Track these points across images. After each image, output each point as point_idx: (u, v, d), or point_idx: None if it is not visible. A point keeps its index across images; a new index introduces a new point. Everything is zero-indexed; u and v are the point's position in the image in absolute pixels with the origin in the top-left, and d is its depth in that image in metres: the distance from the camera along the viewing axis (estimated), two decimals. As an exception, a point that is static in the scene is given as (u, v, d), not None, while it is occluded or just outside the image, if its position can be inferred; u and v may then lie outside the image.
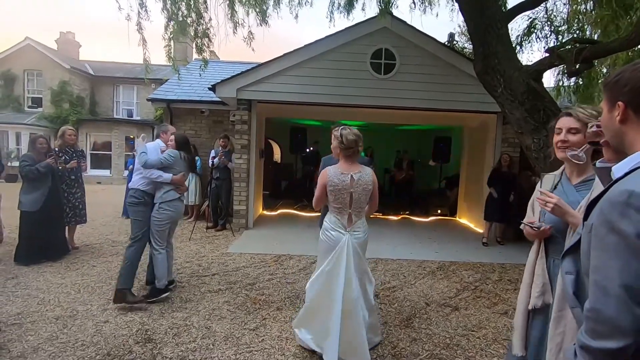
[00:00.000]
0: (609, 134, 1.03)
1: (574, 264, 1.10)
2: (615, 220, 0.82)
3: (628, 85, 0.92)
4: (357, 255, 2.54)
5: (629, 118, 0.93)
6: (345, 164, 2.55)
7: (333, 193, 2.49)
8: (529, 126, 4.49)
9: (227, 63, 11.33)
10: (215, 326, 3.05)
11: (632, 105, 0.92)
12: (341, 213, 2.54)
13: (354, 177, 2.50)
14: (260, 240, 5.96)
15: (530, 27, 6.03)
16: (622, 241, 0.81)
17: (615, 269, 0.81)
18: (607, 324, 0.81)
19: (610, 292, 0.81)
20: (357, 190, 2.49)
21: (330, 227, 2.56)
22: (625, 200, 0.81)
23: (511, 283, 4.39)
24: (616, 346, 0.80)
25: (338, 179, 2.48)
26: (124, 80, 17.62)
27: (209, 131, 8.21)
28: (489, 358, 2.73)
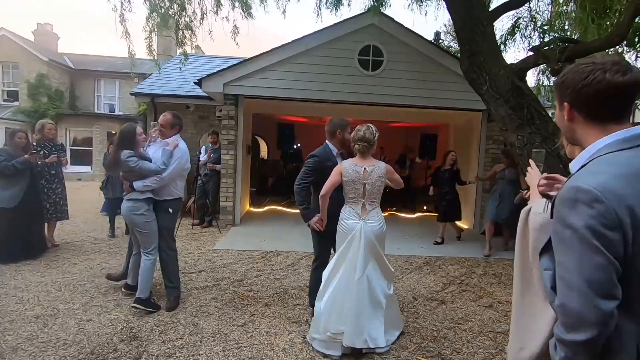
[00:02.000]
0: (562, 129, 1.10)
1: (550, 260, 1.11)
2: (566, 216, 0.87)
3: (570, 87, 0.98)
4: (371, 243, 2.65)
5: (575, 117, 1.00)
6: (359, 157, 2.72)
7: (348, 183, 2.66)
8: (514, 123, 4.58)
9: (212, 58, 11.18)
10: (203, 323, 3.01)
11: (575, 106, 0.99)
12: (355, 203, 2.70)
13: (367, 169, 2.67)
14: (248, 237, 5.91)
15: (515, 26, 6.14)
16: (574, 235, 0.85)
17: (573, 263, 0.85)
18: (574, 317, 0.85)
19: (573, 287, 0.85)
20: (369, 181, 2.66)
21: (346, 217, 2.71)
22: (573, 196, 0.86)
23: (495, 277, 4.48)
24: (584, 338, 0.83)
25: (353, 170, 2.65)
26: (106, 74, 17.14)
27: (195, 127, 8.08)
28: (475, 349, 2.78)
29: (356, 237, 2.63)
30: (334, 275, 2.68)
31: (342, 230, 2.72)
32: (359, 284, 2.59)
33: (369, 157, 2.73)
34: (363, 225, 2.65)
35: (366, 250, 2.62)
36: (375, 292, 2.65)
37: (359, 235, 2.63)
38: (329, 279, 2.70)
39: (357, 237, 2.63)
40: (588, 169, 0.93)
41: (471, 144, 7.46)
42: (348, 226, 2.67)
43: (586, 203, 0.83)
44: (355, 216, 2.68)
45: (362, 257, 2.60)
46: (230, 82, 6.30)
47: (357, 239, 2.63)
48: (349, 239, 2.64)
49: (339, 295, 2.62)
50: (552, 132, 4.46)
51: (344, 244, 2.66)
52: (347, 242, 2.65)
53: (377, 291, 2.66)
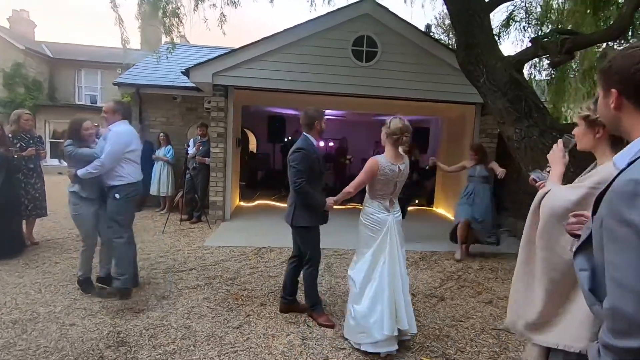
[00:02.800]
0: (605, 119, 1.05)
1: (587, 261, 1.05)
2: (624, 212, 0.79)
3: (619, 72, 0.92)
4: (400, 232, 2.69)
5: (623, 104, 0.94)
6: (394, 154, 2.63)
7: (383, 182, 2.59)
8: (511, 116, 4.52)
9: (199, 47, 10.81)
10: (196, 325, 2.85)
11: (625, 93, 0.92)
12: (384, 198, 2.66)
13: (401, 167, 2.63)
14: (239, 233, 5.74)
15: (510, 18, 6.08)
16: (633, 233, 0.78)
17: (630, 264, 0.78)
18: (627, 322, 0.78)
19: (628, 289, 0.78)
20: (400, 180, 2.66)
21: (375, 211, 2.64)
22: (632, 189, 0.79)
23: (492, 271, 4.45)
24: (639, 345, 0.76)
25: (390, 170, 2.57)
26: (87, 64, 16.48)
27: (182, 119, 7.80)
28: (479, 348, 2.71)
29: (391, 229, 2.61)
30: (372, 273, 2.60)
31: (371, 224, 2.64)
32: (403, 275, 2.63)
33: (399, 153, 2.67)
34: (393, 218, 2.65)
35: (400, 241, 2.65)
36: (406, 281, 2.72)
37: (393, 227, 2.62)
38: (366, 277, 2.61)
39: (392, 230, 2.61)
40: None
41: (464, 138, 7.41)
42: (380, 220, 2.62)
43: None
44: (384, 210, 2.64)
45: (400, 248, 2.64)
46: (220, 72, 6.06)
47: (393, 231, 2.61)
48: (384, 232, 2.60)
49: (387, 292, 2.52)
50: (550, 125, 4.41)
51: (379, 239, 2.60)
52: (383, 236, 2.61)
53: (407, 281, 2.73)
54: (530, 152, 4.42)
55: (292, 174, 2.82)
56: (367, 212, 2.68)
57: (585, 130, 1.41)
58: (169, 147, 7.00)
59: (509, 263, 4.82)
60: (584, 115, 1.41)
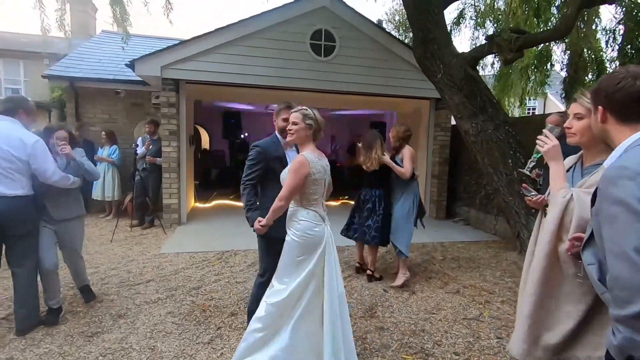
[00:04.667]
0: (596, 132, 1.22)
1: (594, 255, 1.12)
2: (612, 192, 0.92)
3: (604, 91, 1.12)
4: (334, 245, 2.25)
5: (608, 118, 1.13)
6: (315, 149, 2.21)
7: (317, 182, 2.13)
8: (468, 111, 4.70)
9: (141, 37, 9.98)
10: (161, 345, 2.59)
11: (608, 109, 1.12)
12: (317, 204, 2.19)
13: (324, 163, 2.24)
14: (198, 237, 5.40)
15: (460, 16, 6.33)
16: (622, 207, 0.89)
17: (623, 234, 0.87)
18: (627, 288, 0.84)
19: (623, 257, 0.86)
20: (327, 177, 2.26)
21: (312, 224, 2.12)
22: (617, 173, 0.93)
23: (454, 261, 4.64)
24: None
25: (320, 166, 2.15)
26: (6, 53, 14.53)
27: (127, 115, 7.15)
28: (454, 339, 2.78)
29: (329, 244, 2.16)
30: (300, 299, 2.09)
31: (307, 240, 2.11)
32: (341, 297, 2.18)
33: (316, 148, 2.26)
34: (327, 228, 2.21)
35: (336, 258, 2.19)
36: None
37: (330, 243, 2.17)
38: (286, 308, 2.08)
39: (329, 245, 2.16)
40: (626, 155, 1.02)
41: (419, 131, 7.65)
42: (316, 234, 2.12)
43: (630, 177, 0.89)
44: (320, 220, 2.17)
45: (338, 268, 2.20)
46: (170, 65, 5.62)
47: (330, 246, 2.16)
48: (321, 250, 2.11)
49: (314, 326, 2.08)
50: (503, 119, 4.66)
51: (315, 259, 2.10)
52: (320, 255, 2.11)
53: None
54: (486, 145, 4.64)
55: (243, 173, 2.52)
56: (303, 227, 2.11)
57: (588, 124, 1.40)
58: (114, 147, 6.38)
59: (468, 252, 5.06)
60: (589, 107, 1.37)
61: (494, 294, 3.61)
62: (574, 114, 1.48)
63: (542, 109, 17.61)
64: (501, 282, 3.93)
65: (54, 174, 2.69)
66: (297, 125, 2.15)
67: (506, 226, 5.42)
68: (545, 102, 17.51)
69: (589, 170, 1.45)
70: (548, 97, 16.89)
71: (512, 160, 4.48)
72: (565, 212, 1.33)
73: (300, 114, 2.17)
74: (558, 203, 1.37)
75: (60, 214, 2.88)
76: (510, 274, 4.19)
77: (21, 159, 2.55)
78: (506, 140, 4.50)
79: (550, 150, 1.47)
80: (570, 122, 1.48)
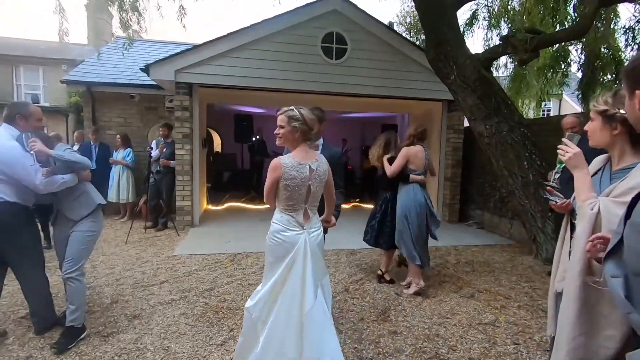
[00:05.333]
0: (632, 120, 1.06)
1: (618, 267, 1.01)
2: None
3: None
4: (316, 257, 2.08)
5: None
6: (301, 151, 2.07)
7: (289, 188, 2.00)
8: (482, 113, 4.64)
9: (156, 43, 10.18)
10: (175, 346, 2.61)
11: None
12: (295, 210, 2.07)
13: (312, 166, 2.05)
14: (210, 239, 5.45)
15: (473, 17, 6.27)
16: None
17: None
18: None
19: None
20: (314, 182, 2.07)
21: (283, 227, 2.05)
22: None
23: (468, 265, 4.56)
24: None
25: (296, 171, 2.00)
26: (26, 60, 14.99)
27: (141, 119, 7.29)
28: (469, 345, 2.73)
29: (300, 253, 2.00)
30: (271, 307, 2.01)
31: (277, 245, 2.04)
32: (311, 316, 1.95)
33: (310, 150, 2.12)
34: (307, 237, 2.04)
35: (314, 268, 2.02)
36: (328, 322, 2.06)
37: (303, 250, 2.00)
38: (261, 314, 2.01)
39: (300, 254, 2.00)
40: None
41: (431, 133, 7.57)
42: (288, 239, 2.02)
43: None
44: (296, 226, 2.05)
45: (311, 279, 1.99)
46: (183, 69, 5.70)
47: (301, 255, 2.00)
48: (291, 256, 2.00)
49: (277, 337, 1.96)
50: (519, 121, 4.59)
51: (283, 265, 2.00)
52: (289, 262, 2.00)
53: (329, 321, 2.07)
54: (500, 147, 4.57)
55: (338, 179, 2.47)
56: (274, 228, 2.07)
57: (601, 126, 1.34)
58: (129, 150, 6.51)
59: (482, 255, 4.98)
60: (600, 110, 1.32)
61: (510, 299, 3.54)
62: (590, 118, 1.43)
63: (558, 110, 17.27)
64: (517, 287, 3.85)
65: (36, 180, 2.41)
66: (283, 129, 2.07)
67: (521, 230, 5.32)
68: (561, 103, 17.17)
69: (618, 174, 1.34)
70: (563, 98, 16.58)
71: (527, 163, 4.40)
72: (595, 225, 1.22)
73: (285, 116, 2.07)
74: (586, 216, 1.25)
75: (75, 213, 2.69)
76: (527, 278, 4.10)
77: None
78: (521, 142, 4.43)
79: (572, 159, 1.37)
80: (588, 125, 1.43)
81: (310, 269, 2.00)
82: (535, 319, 3.13)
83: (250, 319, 2.04)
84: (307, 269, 2.00)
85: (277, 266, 2.03)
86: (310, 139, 2.12)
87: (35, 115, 2.61)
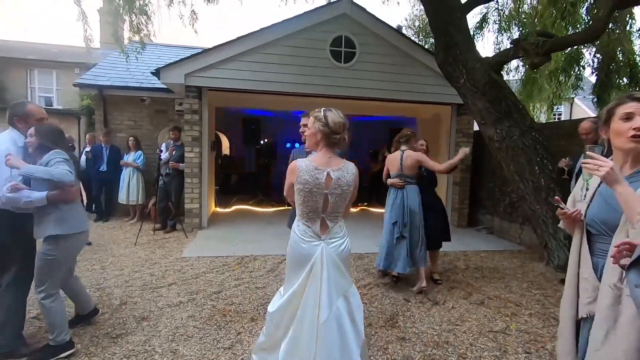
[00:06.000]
0: None
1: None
2: None
3: None
4: (337, 269, 1.96)
5: None
6: (323, 157, 1.96)
7: (302, 193, 1.93)
8: (492, 117, 4.60)
9: (166, 47, 10.31)
10: (183, 349, 2.62)
11: None
12: (311, 219, 1.98)
13: (332, 175, 1.92)
14: (218, 241, 5.46)
15: (483, 20, 6.22)
16: None
17: None
18: None
19: None
20: (334, 192, 1.93)
21: (299, 238, 1.99)
22: None
23: (477, 271, 4.50)
24: None
25: (310, 176, 1.89)
26: (39, 63, 15.30)
27: (151, 122, 7.37)
28: (479, 353, 2.68)
29: (317, 264, 1.93)
30: (291, 317, 1.97)
31: (293, 255, 2.01)
32: (325, 329, 1.88)
33: (335, 156, 1.99)
34: (325, 248, 1.96)
35: (331, 282, 1.92)
36: (347, 338, 1.93)
37: (319, 261, 1.93)
38: (281, 321, 2.00)
39: (317, 265, 1.93)
40: None
41: (440, 137, 7.54)
42: (304, 250, 1.96)
43: None
44: (313, 236, 1.98)
45: (326, 291, 1.90)
46: (193, 73, 5.76)
47: (319, 266, 1.93)
48: (308, 267, 1.94)
49: (304, 343, 1.90)
50: (530, 125, 4.53)
51: (303, 275, 1.95)
52: (306, 273, 1.95)
53: (349, 337, 1.94)
54: (511, 151, 4.52)
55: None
56: (292, 238, 2.02)
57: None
58: (139, 152, 6.59)
59: (492, 261, 4.91)
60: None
61: (521, 306, 3.47)
62: None
63: (569, 114, 17.02)
64: (528, 294, 3.78)
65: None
66: (309, 131, 2.03)
67: (532, 235, 5.23)
68: (572, 107, 16.93)
69: (634, 178, 1.32)
70: (575, 102, 16.34)
71: (538, 167, 4.34)
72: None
73: (312, 116, 2.01)
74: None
75: (38, 230, 2.39)
76: (538, 285, 4.03)
77: None
78: (532, 147, 4.37)
79: (610, 173, 1.25)
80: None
81: (326, 279, 1.92)
82: (547, 327, 3.07)
83: (272, 324, 2.04)
84: (323, 280, 1.91)
85: (295, 277, 1.99)
86: (335, 144, 1.98)
87: (35, 115, 2.47)
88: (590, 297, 1.36)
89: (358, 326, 1.99)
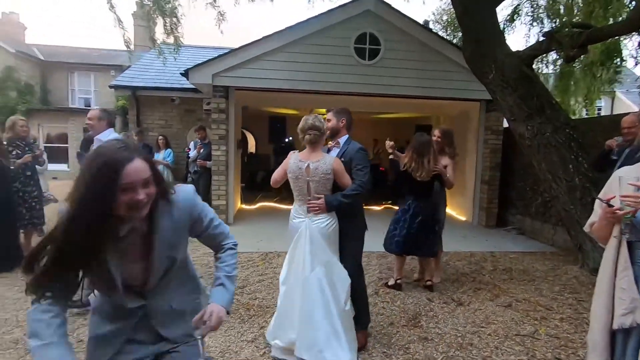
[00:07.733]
0: None
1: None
2: None
3: None
4: (318, 242, 2.44)
5: None
6: (305, 152, 2.52)
7: (292, 180, 2.51)
8: (523, 113, 4.43)
9: (195, 48, 10.61)
10: (208, 340, 2.71)
11: None
12: (300, 201, 2.53)
13: (311, 165, 2.42)
14: (243, 237, 5.58)
15: (514, 12, 5.98)
16: None
17: None
18: None
19: None
20: (314, 179, 2.43)
21: (293, 215, 2.58)
22: None
23: (506, 272, 4.35)
24: None
25: (296, 166, 2.46)
26: (80, 67, 16.19)
27: (181, 121, 7.64)
28: (505, 356, 2.60)
29: (302, 235, 2.46)
30: (287, 278, 2.57)
31: (289, 229, 2.60)
32: (308, 283, 2.37)
33: (316, 151, 2.50)
34: (308, 222, 2.46)
35: (313, 248, 2.42)
36: (327, 298, 2.38)
37: (304, 233, 2.45)
38: (282, 281, 2.61)
39: (302, 235, 2.46)
40: None
41: (468, 135, 7.32)
42: (294, 225, 2.53)
43: None
44: (301, 214, 2.52)
45: (308, 254, 2.41)
46: (220, 73, 5.91)
47: (303, 237, 2.46)
48: (296, 238, 2.50)
49: (289, 297, 2.48)
50: (564, 121, 4.32)
51: (292, 244, 2.54)
52: (295, 242, 2.51)
53: (327, 297, 2.38)
54: (543, 149, 4.33)
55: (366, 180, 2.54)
56: (290, 216, 2.61)
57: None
58: (169, 151, 6.85)
59: (522, 263, 4.73)
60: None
61: (552, 310, 3.33)
62: None
63: (610, 108, 16.04)
64: (560, 298, 3.62)
65: None
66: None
67: (566, 237, 5.00)
68: (614, 101, 15.95)
69: None
70: (617, 96, 15.37)
71: (573, 166, 4.14)
72: None
73: None
74: None
75: None
76: (571, 289, 3.85)
77: None
78: (566, 144, 4.17)
79: None
80: None
81: (308, 249, 2.41)
82: (580, 333, 2.93)
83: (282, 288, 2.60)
84: (306, 249, 2.42)
85: (289, 245, 2.55)
86: (310, 142, 2.48)
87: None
88: (627, 308, 1.29)
89: (338, 292, 2.42)
